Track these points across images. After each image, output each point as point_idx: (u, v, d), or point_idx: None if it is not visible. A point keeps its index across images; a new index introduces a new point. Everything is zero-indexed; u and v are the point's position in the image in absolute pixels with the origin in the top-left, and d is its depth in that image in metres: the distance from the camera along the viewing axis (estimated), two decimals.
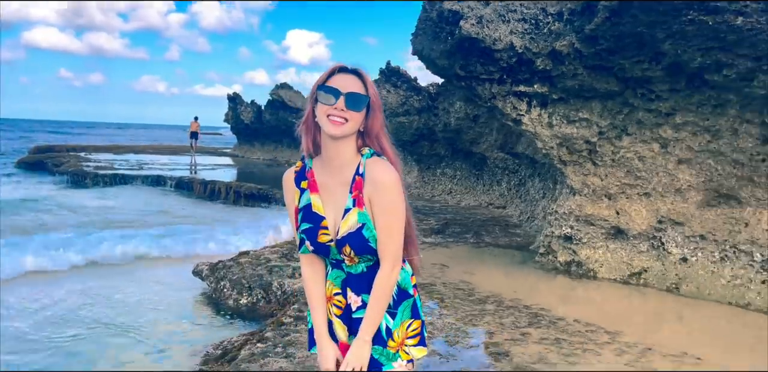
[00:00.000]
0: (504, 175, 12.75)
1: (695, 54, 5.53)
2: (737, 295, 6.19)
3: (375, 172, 1.92)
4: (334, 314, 2.09)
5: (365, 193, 1.93)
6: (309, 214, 2.01)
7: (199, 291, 7.28)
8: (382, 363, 2.00)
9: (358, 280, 2.03)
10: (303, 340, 4.52)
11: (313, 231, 2.00)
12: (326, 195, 2.00)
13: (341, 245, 1.97)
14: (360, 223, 1.93)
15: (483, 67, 6.60)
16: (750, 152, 5.99)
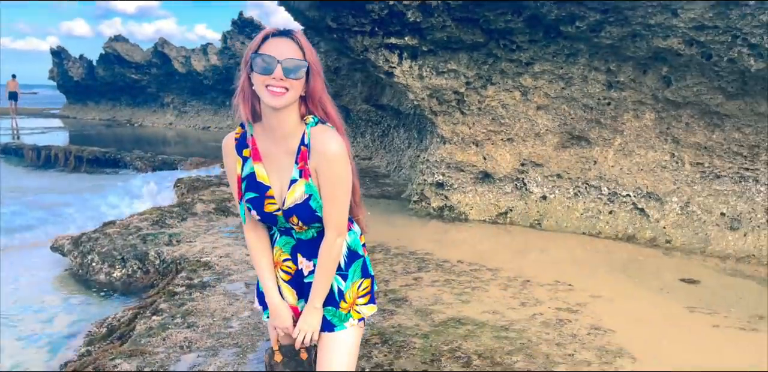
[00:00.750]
0: (368, 126, 12.92)
1: (552, 7, 5.89)
2: (589, 225, 6.97)
3: (321, 143, 1.85)
4: (282, 279, 2.07)
5: (311, 164, 1.86)
6: (253, 183, 1.93)
7: (63, 268, 6.69)
8: (335, 324, 2.03)
9: (309, 245, 2.00)
10: (201, 307, 4.39)
11: (259, 200, 1.93)
12: (270, 164, 1.92)
13: (288, 216, 1.92)
14: (307, 194, 1.89)
15: (355, 20, 6.52)
16: (597, 97, 6.61)
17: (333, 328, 2.03)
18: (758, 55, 5.27)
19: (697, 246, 6.26)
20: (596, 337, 4.03)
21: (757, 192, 6.12)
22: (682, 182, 6.50)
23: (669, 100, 6.18)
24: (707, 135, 6.23)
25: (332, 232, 1.93)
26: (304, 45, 1.83)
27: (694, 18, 5.34)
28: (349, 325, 2.03)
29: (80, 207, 9.67)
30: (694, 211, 6.41)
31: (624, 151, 6.78)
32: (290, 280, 2.07)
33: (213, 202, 8.00)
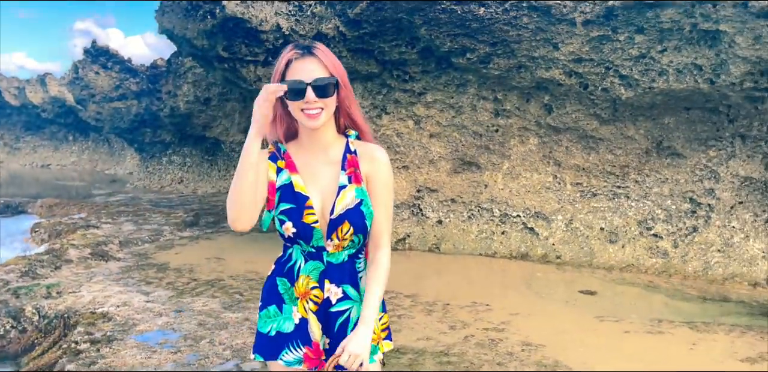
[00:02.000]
0: None
1: (446, 39, 6.20)
2: (485, 246, 7.28)
3: (370, 150, 1.88)
4: (310, 310, 1.87)
5: (363, 171, 1.85)
6: (290, 193, 1.82)
7: None
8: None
9: (340, 270, 1.86)
10: (117, 364, 3.89)
11: (297, 211, 1.81)
12: (308, 176, 1.85)
13: (337, 224, 1.79)
14: (358, 199, 1.83)
15: (248, 49, 6.35)
16: (486, 124, 7.01)
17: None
18: (627, 84, 5.94)
19: (584, 259, 6.79)
20: (530, 353, 4.17)
21: (629, 207, 6.81)
22: (565, 201, 7.05)
23: (550, 126, 6.72)
24: (584, 157, 6.85)
25: (387, 241, 1.89)
26: (326, 61, 1.79)
27: (573, 51, 5.91)
28: (377, 359, 1.91)
29: None
30: (578, 228, 6.96)
31: (512, 174, 7.22)
32: (317, 311, 1.87)
33: (87, 246, 7.21)
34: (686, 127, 6.28)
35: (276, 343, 1.90)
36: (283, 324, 1.89)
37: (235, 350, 4.17)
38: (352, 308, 1.88)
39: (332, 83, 1.77)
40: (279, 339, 1.89)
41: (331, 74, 1.77)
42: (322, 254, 1.85)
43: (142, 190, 13.43)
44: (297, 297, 1.88)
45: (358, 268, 1.90)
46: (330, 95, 1.76)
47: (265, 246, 7.95)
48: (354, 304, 1.88)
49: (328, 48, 1.89)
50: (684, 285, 6.01)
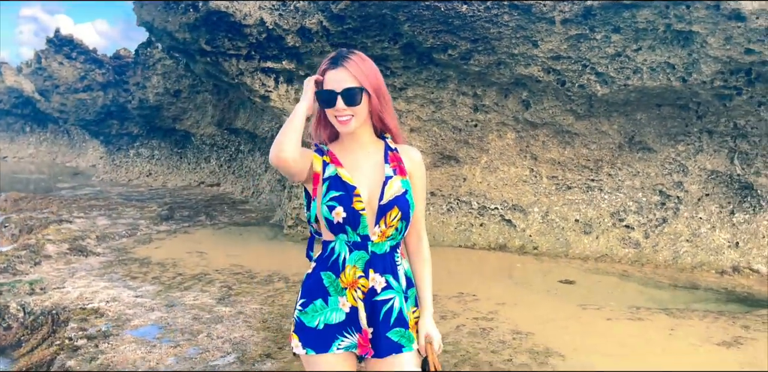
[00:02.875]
0: (213, 151, 12.41)
1: (428, 36, 6.30)
2: (464, 238, 7.47)
3: (409, 150, 2.07)
4: (359, 299, 1.96)
5: (407, 167, 2.02)
6: (338, 183, 1.94)
7: None
8: (403, 344, 1.98)
9: (383, 260, 1.97)
10: (118, 359, 3.91)
11: (347, 197, 1.92)
12: (353, 169, 1.98)
13: (386, 209, 1.92)
14: (404, 189, 1.97)
15: (231, 43, 6.32)
16: (465, 119, 7.17)
17: (401, 349, 1.97)
18: (603, 81, 6.17)
19: (560, 250, 7.04)
20: (521, 341, 4.36)
21: (602, 199, 7.09)
22: (541, 194, 7.28)
23: (528, 121, 6.92)
24: (560, 151, 7.08)
25: (423, 230, 2.09)
26: (355, 71, 1.91)
27: (551, 49, 6.09)
28: (415, 347, 2.01)
29: None
30: (554, 219, 7.21)
31: (490, 168, 7.41)
32: (364, 299, 1.97)
33: (64, 241, 7.10)
34: (657, 123, 6.56)
35: (327, 335, 1.97)
36: (331, 315, 1.96)
37: (234, 343, 4.23)
38: (395, 298, 1.98)
39: (359, 93, 1.90)
40: (329, 330, 1.96)
41: (360, 84, 1.90)
42: (367, 244, 1.95)
43: (109, 183, 13.17)
44: (344, 287, 1.96)
45: (396, 261, 2.02)
46: (358, 103, 1.90)
47: (244, 239, 7.97)
48: (396, 295, 1.98)
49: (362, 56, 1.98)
50: (656, 273, 6.32)
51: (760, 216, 6.47)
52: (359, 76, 1.91)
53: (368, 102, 1.93)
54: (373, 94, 1.94)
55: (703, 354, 4.15)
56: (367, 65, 1.95)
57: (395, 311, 1.97)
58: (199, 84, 11.29)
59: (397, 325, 1.98)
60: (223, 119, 10.39)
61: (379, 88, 1.96)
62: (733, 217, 6.57)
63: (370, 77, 1.93)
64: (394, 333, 1.97)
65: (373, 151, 2.01)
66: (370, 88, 1.93)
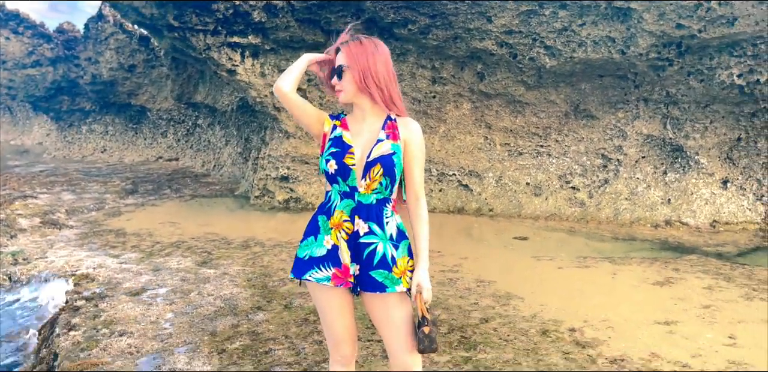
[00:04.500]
0: (170, 126, 12.43)
1: (389, 11, 6.64)
2: None
3: (407, 121, 2.37)
4: (342, 239, 2.34)
5: (402, 135, 2.33)
6: (339, 142, 2.33)
7: None
8: (387, 285, 2.31)
9: (368, 209, 2.32)
10: (120, 316, 4.22)
11: (341, 154, 2.31)
12: (355, 133, 2.35)
13: (371, 165, 2.27)
14: (392, 150, 2.28)
15: (198, 18, 6.49)
16: (425, 91, 7.58)
17: (385, 288, 2.31)
18: (551, 54, 6.67)
19: (513, 211, 7.63)
20: (485, 287, 4.89)
21: (551, 164, 7.68)
22: (495, 160, 7.82)
23: (482, 92, 7.39)
24: (512, 120, 7.60)
25: (423, 194, 2.36)
26: (347, 53, 2.31)
27: (504, 24, 6.54)
28: (399, 289, 2.31)
29: None
30: (507, 183, 7.78)
31: (447, 136, 7.88)
32: (348, 240, 2.34)
33: (35, 215, 7.21)
34: (600, 92, 7.15)
35: (307, 265, 2.38)
36: (316, 250, 2.36)
37: (225, 299, 4.60)
38: (378, 243, 2.33)
39: (345, 70, 2.29)
40: (310, 261, 2.37)
41: (348, 64, 2.28)
42: (355, 194, 2.33)
43: (62, 160, 13.02)
44: (331, 227, 2.35)
45: (385, 213, 2.34)
46: (340, 79, 2.30)
47: (213, 210, 8.23)
48: (380, 240, 2.33)
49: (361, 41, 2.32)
50: (599, 229, 6.98)
51: (689, 175, 7.20)
52: (349, 57, 2.29)
53: (352, 79, 2.29)
54: (359, 74, 2.29)
55: (641, 292, 4.78)
56: (360, 49, 2.30)
57: (378, 254, 2.31)
58: (155, 58, 11.26)
59: (381, 267, 2.30)
60: (183, 93, 10.46)
61: (367, 68, 2.29)
62: (665, 176, 7.28)
63: (360, 59, 2.28)
64: (378, 274, 2.31)
65: (373, 121, 2.36)
66: (356, 68, 2.28)
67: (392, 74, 2.35)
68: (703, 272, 5.36)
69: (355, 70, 2.28)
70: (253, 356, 3.65)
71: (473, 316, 4.26)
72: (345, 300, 2.38)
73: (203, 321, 4.19)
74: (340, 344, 2.40)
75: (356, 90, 2.31)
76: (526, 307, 4.44)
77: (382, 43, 2.38)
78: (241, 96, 8.96)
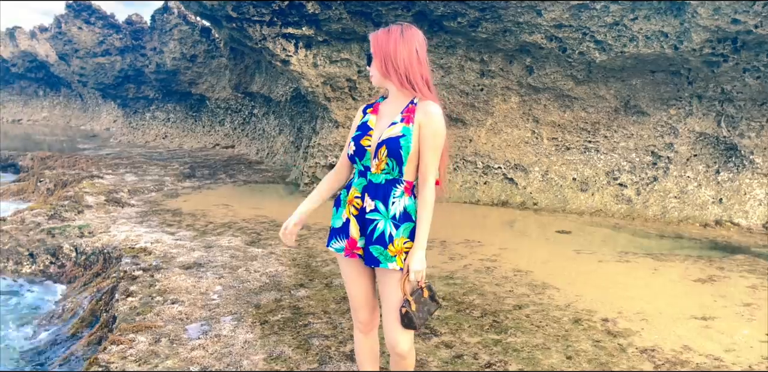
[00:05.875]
0: (227, 115, 12.90)
1: (439, 4, 6.74)
2: (469, 195, 8.05)
3: (426, 104, 2.41)
4: (352, 214, 2.52)
5: (416, 118, 2.41)
6: (363, 126, 2.50)
7: None
8: (381, 260, 2.45)
9: (376, 188, 2.46)
10: (174, 286, 4.53)
11: (360, 136, 2.48)
12: (381, 118, 2.50)
13: (379, 147, 2.40)
14: (401, 133, 2.36)
15: (255, 9, 6.77)
16: (473, 84, 7.66)
17: (378, 263, 2.45)
18: (602, 49, 6.64)
19: (558, 206, 7.63)
20: (522, 277, 4.98)
21: (598, 159, 7.63)
22: (542, 154, 7.83)
23: (531, 85, 7.41)
24: (560, 114, 7.59)
25: (431, 176, 2.41)
26: (374, 42, 2.45)
27: (554, 18, 6.54)
28: (391, 266, 2.44)
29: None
30: (553, 178, 7.77)
31: (494, 130, 7.93)
32: (357, 216, 2.52)
33: (101, 194, 7.69)
34: (651, 88, 7.06)
35: (331, 235, 2.61)
36: (335, 221, 2.58)
37: (270, 276, 4.85)
38: (380, 221, 2.46)
39: (371, 57, 2.45)
40: (333, 232, 2.59)
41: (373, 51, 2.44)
42: (367, 173, 2.49)
43: (127, 144, 13.70)
44: (347, 202, 2.55)
45: (393, 193, 2.45)
46: (369, 65, 2.46)
47: (264, 196, 8.55)
48: (382, 219, 2.46)
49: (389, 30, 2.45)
50: (645, 226, 6.92)
51: (742, 174, 7.03)
52: (374, 45, 2.44)
53: (376, 65, 2.44)
54: (381, 59, 2.42)
55: (681, 287, 4.77)
56: (384, 37, 2.41)
57: (378, 231, 2.45)
58: (215, 49, 11.70)
59: (378, 243, 2.44)
60: (240, 83, 10.85)
61: (388, 54, 2.40)
62: (718, 175, 7.14)
63: (383, 47, 2.41)
64: (374, 249, 2.45)
65: (398, 104, 2.47)
66: (380, 54, 2.42)
67: (416, 59, 2.39)
68: (749, 272, 5.27)
69: (378, 56, 2.42)
70: (293, 328, 3.88)
71: (507, 302, 4.36)
72: (358, 269, 2.55)
73: (248, 294, 4.45)
74: (357, 310, 2.60)
75: (380, 75, 2.44)
76: (561, 297, 4.51)
77: (413, 30, 2.43)
78: (294, 86, 9.25)
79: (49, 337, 4.46)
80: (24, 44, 18.51)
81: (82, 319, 4.48)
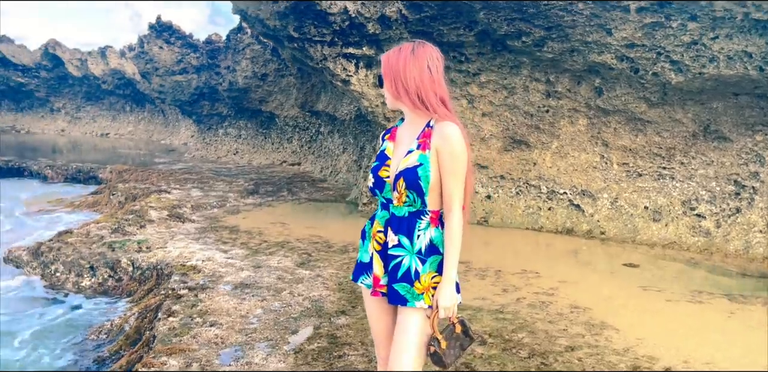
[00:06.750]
0: (295, 132, 13.09)
1: (503, 23, 6.53)
2: (532, 221, 7.70)
3: (443, 126, 2.24)
4: (374, 249, 2.38)
5: (433, 143, 2.23)
6: (381, 155, 2.36)
7: (21, 280, 6.36)
8: (408, 299, 2.27)
9: (399, 222, 2.30)
10: (215, 307, 4.50)
11: (378, 167, 2.33)
12: (398, 144, 2.35)
13: (397, 179, 2.25)
14: (418, 162, 2.21)
15: (317, 30, 6.80)
16: (537, 105, 7.36)
17: (405, 302, 2.28)
18: (678, 70, 6.20)
19: (628, 236, 7.15)
20: (578, 314, 4.62)
21: (674, 188, 7.11)
22: (611, 180, 7.39)
23: (600, 107, 7.03)
24: (632, 139, 7.15)
25: (456, 203, 2.22)
26: (384, 64, 2.32)
27: (625, 37, 6.18)
28: (419, 305, 2.26)
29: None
30: (623, 206, 7.31)
31: (560, 153, 7.57)
32: (380, 251, 2.36)
33: (165, 209, 7.89)
34: (734, 112, 6.52)
35: (358, 270, 2.47)
36: (363, 256, 2.45)
37: (313, 300, 4.74)
38: (405, 256, 2.28)
39: (380, 78, 2.32)
40: (360, 267, 2.45)
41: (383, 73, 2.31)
42: (389, 206, 2.33)
43: (199, 159, 14.16)
44: (371, 236, 2.41)
45: (418, 226, 2.28)
46: (381, 86, 2.33)
47: (322, 214, 8.53)
48: (407, 254, 2.29)
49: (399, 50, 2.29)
50: (725, 262, 6.34)
51: None
52: (384, 66, 2.31)
53: (387, 87, 2.30)
54: (391, 81, 2.28)
55: (760, 336, 4.27)
56: (395, 56, 2.27)
57: (403, 267, 2.28)
58: (284, 68, 11.94)
59: (403, 281, 2.27)
60: (306, 102, 10.98)
61: (398, 75, 2.26)
62: None
63: (393, 66, 2.27)
64: (400, 287, 2.28)
65: (415, 127, 2.31)
66: (389, 75, 2.28)
67: (429, 77, 2.23)
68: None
69: (388, 76, 2.29)
70: (327, 359, 3.73)
71: (559, 343, 4.05)
72: (382, 307, 2.41)
73: (288, 320, 4.35)
74: (379, 346, 2.49)
75: (392, 97, 2.31)
76: (620, 339, 4.14)
77: (425, 47, 2.27)
78: (357, 106, 9.23)
79: (93, 354, 4.52)
80: (114, 63, 19.68)
81: (127, 336, 4.52)
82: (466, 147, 2.25)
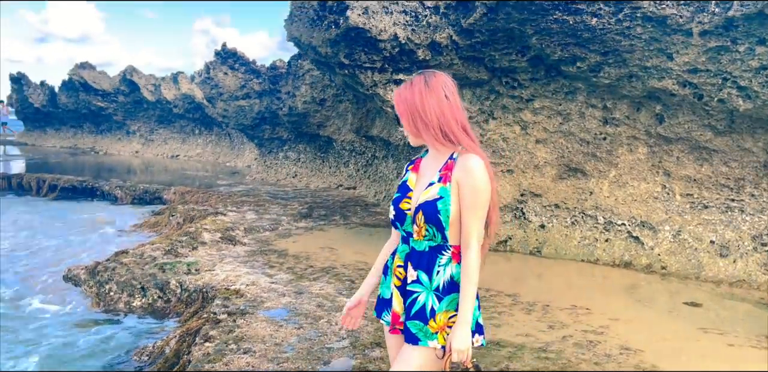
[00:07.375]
0: (351, 156, 13.18)
1: (556, 48, 6.38)
2: (587, 253, 7.36)
3: (465, 159, 2.21)
4: (395, 285, 2.33)
5: (454, 176, 2.19)
6: (403, 186, 2.33)
7: (79, 299, 6.61)
8: (420, 338, 2.19)
9: (419, 256, 2.23)
10: (251, 334, 4.50)
11: (399, 199, 2.30)
12: (421, 176, 2.32)
13: (416, 212, 2.20)
14: (438, 196, 2.17)
15: (367, 56, 6.85)
16: (594, 132, 7.10)
17: (418, 341, 2.19)
18: (746, 96, 5.84)
19: (691, 272, 6.71)
20: (628, 356, 4.33)
21: (743, 221, 6.65)
22: (674, 212, 6.99)
23: (661, 135, 6.70)
24: (696, 168, 6.76)
25: (474, 239, 2.14)
26: (398, 100, 2.28)
27: (688, 62, 5.90)
28: (432, 345, 2.17)
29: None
30: (686, 239, 6.88)
31: (618, 182, 7.25)
32: (399, 287, 2.31)
33: (218, 231, 8.06)
34: None
35: (380, 305, 2.43)
36: (384, 291, 2.40)
37: (350, 330, 4.66)
38: (421, 293, 2.22)
39: (396, 117, 2.32)
40: (381, 302, 2.42)
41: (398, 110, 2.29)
42: (410, 239, 2.27)
43: (260, 182, 14.48)
44: (392, 271, 2.35)
45: (438, 261, 2.21)
46: (401, 125, 2.29)
47: (372, 239, 8.47)
48: (424, 291, 2.22)
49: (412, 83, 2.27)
50: None
51: None
52: (398, 103, 2.27)
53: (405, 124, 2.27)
54: (408, 117, 2.25)
55: None
56: (408, 91, 2.24)
57: (418, 304, 2.21)
58: (342, 93, 12.10)
59: (416, 318, 2.19)
60: (361, 127, 11.06)
61: (414, 110, 2.22)
62: None
63: (408, 102, 2.24)
64: (413, 325, 2.21)
65: (438, 159, 2.28)
66: (406, 112, 2.25)
67: (447, 105, 2.21)
68: None
69: (404, 115, 2.26)
70: None
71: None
72: (400, 345, 2.34)
73: (321, 350, 4.28)
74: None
75: (412, 135, 2.29)
76: None
77: (438, 77, 2.26)
78: None
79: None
80: (184, 88, 20.60)
81: (166, 360, 4.58)
82: (489, 180, 2.18)
